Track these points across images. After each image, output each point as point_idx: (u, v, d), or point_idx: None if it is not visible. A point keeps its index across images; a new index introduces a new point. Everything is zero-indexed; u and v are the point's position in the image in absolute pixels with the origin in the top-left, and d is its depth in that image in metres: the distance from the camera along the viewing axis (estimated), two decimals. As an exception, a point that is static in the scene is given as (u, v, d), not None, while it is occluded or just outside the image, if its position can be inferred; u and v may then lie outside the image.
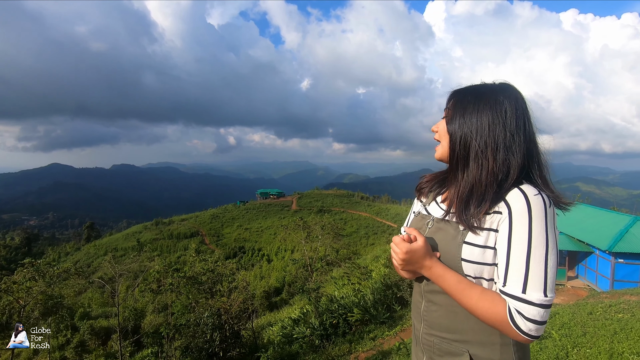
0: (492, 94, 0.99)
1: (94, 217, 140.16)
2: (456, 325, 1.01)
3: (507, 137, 0.96)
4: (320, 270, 11.39)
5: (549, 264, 0.87)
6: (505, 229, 0.91)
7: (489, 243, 0.94)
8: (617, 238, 12.43)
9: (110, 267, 8.77)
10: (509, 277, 0.88)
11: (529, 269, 0.86)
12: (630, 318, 5.47)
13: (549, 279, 0.86)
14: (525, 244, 0.87)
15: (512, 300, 0.87)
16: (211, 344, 5.63)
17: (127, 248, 45.89)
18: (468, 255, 0.96)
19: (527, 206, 0.89)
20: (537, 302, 0.85)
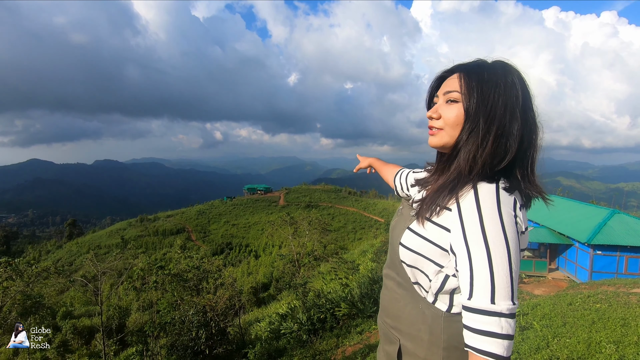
0: (503, 74, 0.85)
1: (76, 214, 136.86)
2: (395, 312, 1.02)
3: (514, 121, 0.83)
4: (308, 266, 11.40)
5: (513, 265, 0.74)
6: (458, 230, 0.79)
7: (434, 238, 0.86)
8: (595, 231, 12.83)
9: (92, 265, 8.57)
10: (475, 288, 0.74)
11: (494, 275, 0.73)
12: (607, 308, 5.66)
13: (515, 283, 0.73)
14: (482, 247, 0.74)
15: (480, 316, 0.73)
16: (197, 341, 5.57)
17: (111, 245, 45.01)
18: (407, 241, 0.92)
19: (476, 201, 0.78)
20: (507, 311, 0.72)
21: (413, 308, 0.96)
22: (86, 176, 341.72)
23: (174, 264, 7.69)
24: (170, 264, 8.10)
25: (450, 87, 0.88)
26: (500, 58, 0.90)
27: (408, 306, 0.97)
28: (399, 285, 1.01)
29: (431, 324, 0.92)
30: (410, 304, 0.97)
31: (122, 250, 11.13)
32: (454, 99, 0.87)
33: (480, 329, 0.73)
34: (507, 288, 0.72)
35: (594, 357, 3.73)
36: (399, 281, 1.01)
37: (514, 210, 0.79)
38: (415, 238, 0.90)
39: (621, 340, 4.09)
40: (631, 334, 4.26)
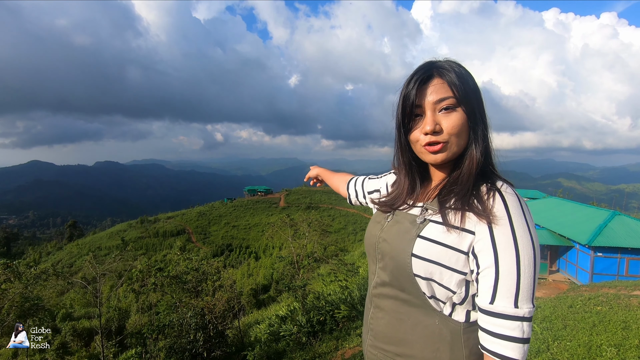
0: (466, 71, 0.85)
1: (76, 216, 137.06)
2: (401, 335, 0.88)
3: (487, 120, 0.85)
4: (308, 268, 11.38)
5: (537, 268, 0.74)
6: (486, 233, 0.76)
7: (453, 243, 0.79)
8: (596, 232, 12.79)
9: (92, 267, 8.56)
10: (499, 292, 0.73)
11: (520, 278, 0.72)
12: (608, 311, 5.62)
13: (536, 285, 0.74)
14: (512, 251, 0.73)
15: (502, 321, 0.73)
16: (194, 344, 5.55)
17: (111, 247, 45.01)
18: (421, 251, 0.82)
19: (504, 205, 0.76)
20: (528, 315, 0.73)
21: (426, 327, 0.84)
22: (87, 177, 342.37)
23: (173, 266, 7.68)
24: (169, 265, 8.09)
25: (440, 94, 0.81)
26: (448, 57, 0.87)
27: (419, 326, 0.85)
28: (405, 303, 0.88)
29: (451, 340, 0.82)
30: (422, 323, 0.85)
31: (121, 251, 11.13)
32: (451, 106, 0.81)
33: (502, 333, 0.73)
34: (529, 291, 0.73)
35: (595, 361, 3.70)
36: (404, 299, 0.88)
37: (530, 212, 0.79)
38: (432, 246, 0.81)
39: (622, 344, 4.06)
40: (632, 337, 4.23)
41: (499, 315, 0.73)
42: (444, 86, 0.82)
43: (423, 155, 0.86)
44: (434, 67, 0.84)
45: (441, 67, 0.84)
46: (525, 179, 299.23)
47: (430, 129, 0.81)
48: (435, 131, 0.81)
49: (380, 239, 0.93)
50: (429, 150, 0.84)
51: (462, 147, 0.84)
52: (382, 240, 0.92)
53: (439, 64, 0.84)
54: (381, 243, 0.92)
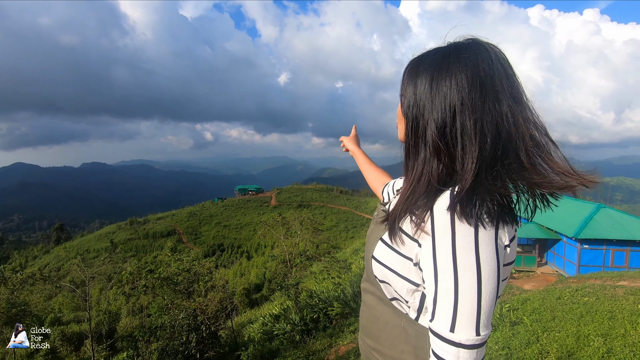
0: (445, 59, 0.71)
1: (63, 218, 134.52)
2: (375, 332, 0.88)
3: (459, 117, 0.67)
4: (300, 266, 11.37)
5: (483, 294, 0.63)
6: (429, 247, 0.68)
7: (404, 251, 0.75)
8: (582, 225, 13.08)
9: (80, 270, 8.40)
10: (437, 311, 0.66)
11: (457, 302, 0.63)
12: (595, 301, 5.75)
13: (484, 312, 0.63)
14: (450, 272, 0.64)
15: (439, 341, 0.65)
16: (187, 345, 5.50)
17: (100, 249, 44.32)
18: (379, 254, 0.80)
19: (451, 220, 0.65)
20: (467, 343, 0.63)
21: (394, 327, 0.82)
22: (74, 179, 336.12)
23: (163, 267, 7.59)
24: (160, 267, 8.00)
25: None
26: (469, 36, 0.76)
27: (389, 325, 0.84)
28: (380, 300, 0.86)
29: (415, 343, 0.79)
30: (391, 322, 0.83)
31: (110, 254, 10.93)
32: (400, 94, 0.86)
33: (438, 354, 0.65)
34: (470, 318, 0.63)
35: (583, 351, 3.78)
36: (379, 296, 0.86)
37: (496, 226, 0.66)
38: (387, 251, 0.78)
39: (609, 333, 4.15)
40: (618, 327, 4.33)
41: (437, 335, 0.66)
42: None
43: None
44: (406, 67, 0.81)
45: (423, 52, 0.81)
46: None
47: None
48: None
49: (367, 237, 0.94)
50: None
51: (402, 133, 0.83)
52: (367, 238, 0.92)
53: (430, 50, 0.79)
54: (366, 241, 0.93)
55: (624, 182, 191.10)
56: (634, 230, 12.76)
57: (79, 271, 8.43)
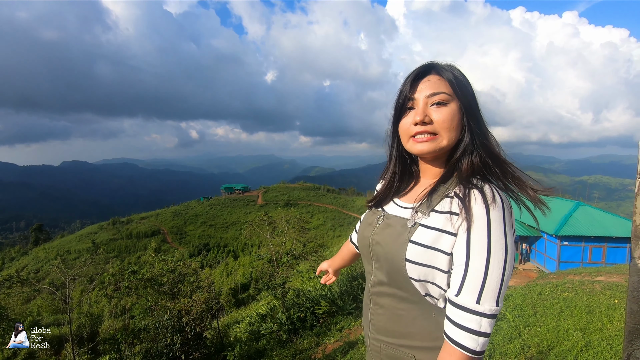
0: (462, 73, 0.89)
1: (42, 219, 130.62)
2: (401, 330, 0.93)
3: (480, 119, 0.89)
4: (287, 265, 11.35)
5: (506, 271, 0.78)
6: (464, 234, 0.80)
7: (441, 246, 0.83)
8: (562, 222, 13.46)
9: (60, 272, 8.16)
10: (465, 287, 0.78)
11: (487, 278, 0.77)
12: (574, 296, 5.93)
13: (504, 286, 0.78)
14: (484, 251, 0.77)
15: (463, 313, 0.78)
16: (172, 347, 5.42)
17: (81, 250, 43.19)
18: (413, 255, 0.85)
19: (486, 208, 0.79)
20: (489, 312, 0.76)
21: (424, 319, 0.90)
22: (53, 178, 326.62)
23: (147, 268, 7.43)
24: (144, 268, 7.84)
25: (434, 88, 0.86)
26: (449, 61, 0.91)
27: (418, 319, 0.90)
28: (402, 300, 0.92)
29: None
30: (421, 317, 0.90)
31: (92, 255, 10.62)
32: (443, 101, 0.85)
33: (460, 323, 0.78)
34: (495, 291, 0.77)
35: (562, 345, 3.88)
36: (402, 296, 0.92)
37: (512, 217, 0.82)
38: (423, 251, 0.84)
39: (587, 327, 4.28)
40: (596, 321, 4.47)
41: (461, 308, 0.78)
42: (439, 82, 0.86)
43: (409, 145, 0.90)
44: (432, 65, 0.89)
45: (439, 65, 0.89)
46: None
47: (419, 119, 0.85)
48: (425, 122, 0.85)
49: (373, 242, 0.96)
50: (417, 140, 0.87)
51: (451, 142, 0.87)
52: (375, 243, 0.95)
53: (438, 64, 0.89)
54: (374, 246, 0.95)
55: (601, 180, 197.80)
56: (611, 227, 13.21)
57: (59, 273, 8.19)
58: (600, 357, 3.46)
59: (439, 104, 0.85)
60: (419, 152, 0.88)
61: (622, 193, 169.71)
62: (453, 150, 0.90)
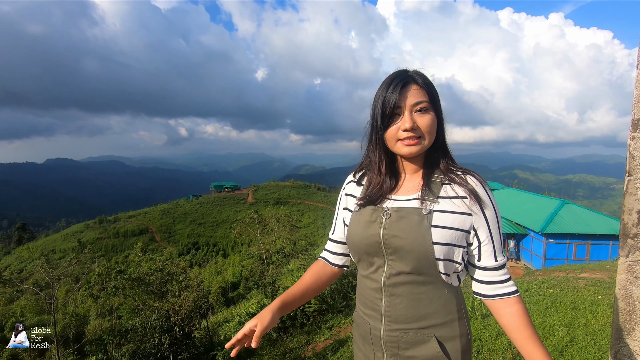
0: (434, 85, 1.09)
1: (26, 217, 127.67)
2: (421, 312, 1.04)
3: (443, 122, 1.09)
4: (277, 264, 11.30)
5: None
6: (479, 212, 1.02)
7: (459, 225, 1.01)
8: (548, 220, 13.72)
9: (44, 272, 7.97)
10: (496, 253, 1.05)
11: (501, 239, 1.06)
12: (559, 293, 6.04)
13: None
14: (496, 221, 1.04)
15: (500, 271, 1.05)
16: (160, 347, 5.34)
17: (67, 249, 42.32)
18: (439, 238, 0.99)
19: (484, 188, 1.04)
20: (507, 259, 1.08)
21: (439, 298, 1.04)
22: (37, 176, 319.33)
23: (134, 268, 7.31)
24: (131, 267, 7.71)
25: (417, 98, 1.02)
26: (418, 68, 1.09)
27: (434, 299, 1.04)
28: (420, 284, 1.04)
29: (456, 302, 1.06)
30: (436, 296, 1.04)
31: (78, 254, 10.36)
32: (425, 108, 1.02)
33: (504, 278, 1.04)
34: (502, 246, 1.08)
35: (548, 340, 3.95)
36: (420, 281, 1.03)
37: None
38: (445, 232, 1.00)
39: (572, 323, 4.37)
40: (580, 317, 4.56)
41: (500, 267, 1.04)
42: (419, 91, 1.02)
43: (397, 148, 1.05)
44: (409, 75, 1.04)
45: (415, 76, 1.04)
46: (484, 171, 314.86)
47: (409, 126, 1.00)
48: (413, 128, 1.01)
49: (387, 236, 1.04)
50: (406, 144, 1.02)
51: (431, 143, 1.05)
52: (392, 236, 1.03)
53: (412, 74, 1.05)
54: (391, 239, 1.04)
55: (585, 179, 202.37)
56: (594, 225, 13.52)
57: (44, 273, 7.99)
58: (585, 352, 3.53)
59: (421, 111, 1.01)
60: (408, 154, 1.04)
61: (605, 192, 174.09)
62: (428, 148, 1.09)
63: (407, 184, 1.12)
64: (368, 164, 1.17)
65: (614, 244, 13.28)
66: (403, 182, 1.13)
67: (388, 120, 1.04)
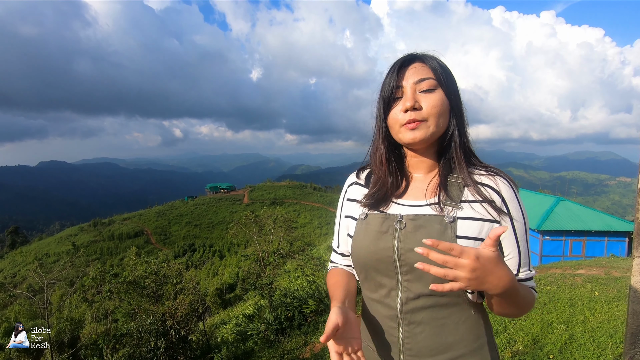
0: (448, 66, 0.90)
1: (18, 221, 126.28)
2: (447, 341, 0.85)
3: (462, 108, 0.91)
4: (274, 264, 11.25)
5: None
6: (507, 220, 0.83)
7: (485, 235, 0.81)
8: (544, 217, 13.80)
9: (37, 276, 7.85)
10: (522, 267, 0.86)
11: (528, 251, 0.87)
12: (556, 290, 6.06)
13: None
14: (524, 232, 0.85)
15: (525, 282, 0.87)
16: (155, 352, 5.28)
17: (61, 253, 41.93)
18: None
19: (512, 190, 0.85)
20: (535, 273, 0.89)
21: (466, 320, 0.86)
22: (29, 179, 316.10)
23: (129, 271, 7.23)
24: (126, 270, 7.62)
25: (421, 75, 0.84)
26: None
27: (460, 323, 0.86)
28: (444, 307, 0.85)
29: (483, 322, 0.90)
30: (462, 318, 0.86)
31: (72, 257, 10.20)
32: (431, 87, 0.84)
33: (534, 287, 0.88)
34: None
35: (547, 338, 3.95)
36: (443, 303, 0.85)
37: None
38: (472, 244, 0.81)
39: (570, 320, 4.37)
40: (578, 314, 4.57)
41: (521, 281, 0.85)
42: (424, 68, 0.85)
43: (401, 135, 0.86)
44: (415, 54, 0.88)
45: (422, 54, 0.88)
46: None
47: (410, 104, 0.82)
48: (415, 108, 0.83)
49: (403, 250, 0.83)
50: (408, 128, 0.84)
51: (441, 129, 0.86)
52: (409, 250, 0.83)
53: (420, 53, 0.89)
54: (407, 254, 0.83)
55: (579, 176, 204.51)
56: (590, 222, 13.62)
57: (37, 277, 7.88)
58: (584, 349, 3.53)
59: (427, 91, 0.84)
60: (411, 140, 0.85)
61: (599, 188, 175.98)
62: (441, 141, 0.89)
63: (419, 185, 0.92)
64: (374, 159, 0.97)
65: (609, 240, 13.39)
66: (414, 182, 0.93)
67: (389, 105, 0.87)
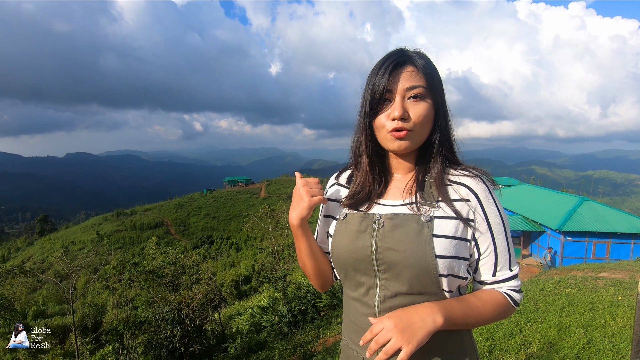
0: (437, 68, 0.88)
1: (47, 210, 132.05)
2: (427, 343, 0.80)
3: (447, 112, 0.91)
4: (288, 258, 11.36)
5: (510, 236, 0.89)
6: (482, 218, 0.84)
7: (462, 234, 0.82)
8: (566, 218, 13.35)
9: (63, 263, 8.21)
10: (498, 266, 0.86)
11: (509, 249, 0.87)
12: (576, 293, 5.88)
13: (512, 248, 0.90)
14: (502, 230, 0.85)
15: (504, 283, 0.87)
16: (171, 339, 5.45)
17: (86, 241, 43.61)
18: (442, 250, 0.80)
19: (488, 189, 0.85)
20: (517, 272, 0.88)
21: None
22: (58, 170, 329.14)
23: (149, 260, 7.46)
24: (146, 260, 7.87)
25: (411, 82, 0.82)
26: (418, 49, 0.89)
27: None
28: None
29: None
30: None
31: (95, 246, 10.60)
32: (420, 94, 0.83)
33: (513, 289, 0.87)
34: (513, 255, 0.89)
35: (564, 342, 3.85)
36: (423, 301, 0.83)
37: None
38: (448, 242, 0.81)
39: (589, 324, 4.24)
40: (598, 318, 4.43)
41: (500, 282, 0.87)
42: (415, 74, 0.83)
43: (387, 142, 0.86)
44: (407, 55, 0.85)
45: (414, 56, 0.85)
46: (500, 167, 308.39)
47: (398, 114, 0.81)
48: (403, 118, 0.82)
49: (380, 249, 0.84)
50: (394, 136, 0.83)
51: (425, 137, 0.87)
52: (386, 249, 0.83)
53: (411, 53, 0.86)
54: (385, 252, 0.83)
55: (607, 175, 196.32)
56: (615, 223, 13.09)
57: (62, 264, 8.24)
58: (603, 354, 3.42)
59: (416, 98, 0.83)
60: (396, 149, 0.85)
61: (628, 188, 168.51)
62: (423, 144, 0.89)
63: (398, 185, 0.92)
64: (355, 159, 0.97)
65: (635, 242, 12.84)
66: (393, 182, 0.94)
67: (377, 107, 0.85)
